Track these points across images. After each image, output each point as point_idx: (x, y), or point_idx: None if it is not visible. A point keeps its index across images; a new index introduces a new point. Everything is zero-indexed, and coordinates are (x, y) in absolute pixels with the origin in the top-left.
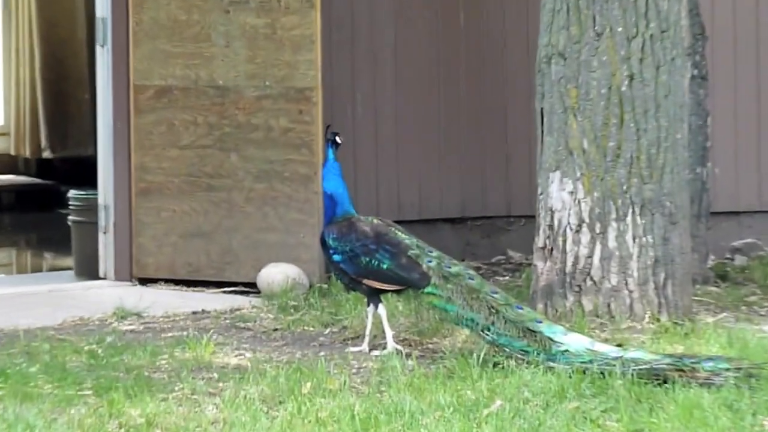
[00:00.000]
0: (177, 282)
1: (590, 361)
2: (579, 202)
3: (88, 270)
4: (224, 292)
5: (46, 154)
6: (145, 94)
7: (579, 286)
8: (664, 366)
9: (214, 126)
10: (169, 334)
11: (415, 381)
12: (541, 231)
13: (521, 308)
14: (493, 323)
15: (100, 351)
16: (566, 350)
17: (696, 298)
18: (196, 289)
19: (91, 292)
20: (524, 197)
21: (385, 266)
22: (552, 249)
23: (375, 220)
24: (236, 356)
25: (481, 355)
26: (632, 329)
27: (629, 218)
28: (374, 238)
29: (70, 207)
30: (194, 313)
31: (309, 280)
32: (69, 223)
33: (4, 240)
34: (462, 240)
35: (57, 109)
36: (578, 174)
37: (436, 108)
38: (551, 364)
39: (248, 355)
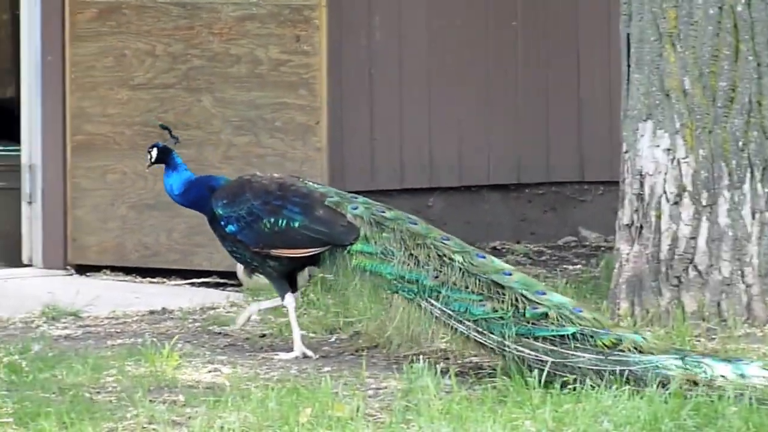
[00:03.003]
0: (128, 270)
1: (585, 335)
2: (678, 163)
3: (7, 254)
4: (192, 284)
5: None
6: (85, 13)
7: (678, 277)
8: None
9: (178, 57)
10: (118, 341)
11: (455, 407)
12: (626, 203)
13: (484, 257)
14: (443, 283)
15: (24, 364)
16: (545, 313)
17: None
18: (153, 280)
19: (11, 283)
20: (602, 157)
21: (297, 224)
22: (641, 227)
23: (275, 174)
24: (209, 372)
25: (544, 373)
26: (750, 337)
27: (746, 185)
28: (278, 192)
29: None
30: (152, 312)
31: (309, 269)
32: None
33: None
34: (516, 214)
35: None
36: (677, 125)
37: (483, 37)
38: (522, 344)
39: (226, 370)
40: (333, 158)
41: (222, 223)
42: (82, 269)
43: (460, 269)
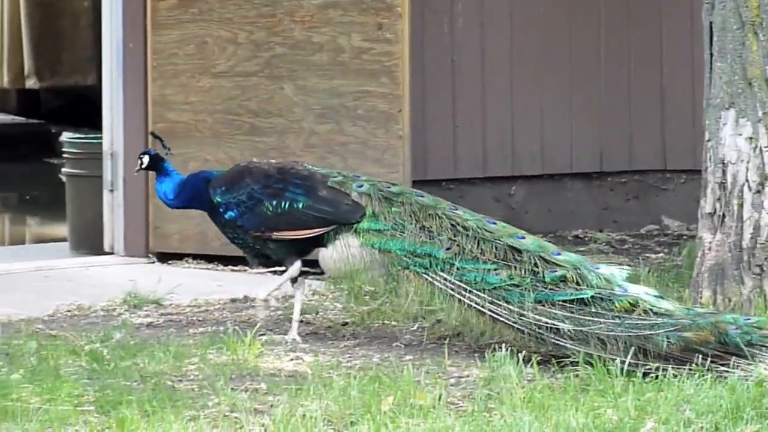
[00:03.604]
0: (210, 258)
1: (603, 298)
2: (761, 151)
3: (89, 242)
4: (274, 272)
5: (31, 83)
6: (167, 1)
7: (760, 266)
8: None
9: (261, 45)
10: (200, 330)
11: (537, 395)
12: (708, 191)
13: (495, 223)
14: (456, 254)
15: (105, 352)
16: (564, 275)
17: None
18: (235, 268)
19: (93, 271)
20: (684, 145)
21: (300, 204)
22: (724, 216)
23: (272, 160)
24: (291, 360)
25: (627, 362)
26: None
27: None
28: (277, 175)
29: (64, 155)
30: (234, 300)
31: None
32: (62, 177)
33: None
34: (598, 203)
35: (46, 24)
36: (760, 113)
37: (566, 25)
38: (539, 312)
39: (308, 358)
40: (415, 147)
41: (221, 210)
42: (164, 257)
43: (475, 237)
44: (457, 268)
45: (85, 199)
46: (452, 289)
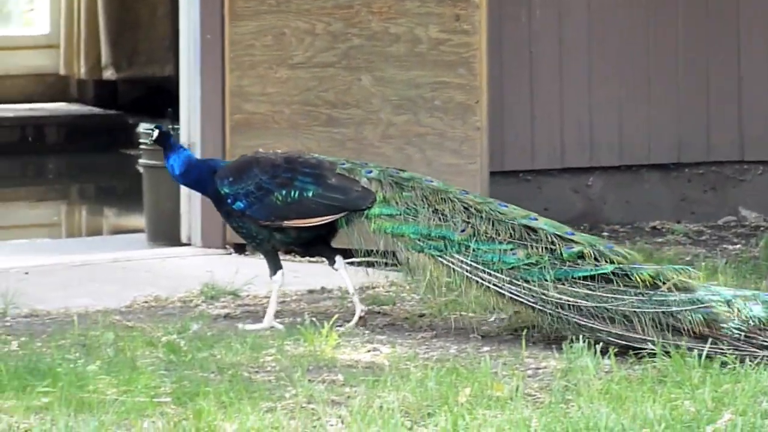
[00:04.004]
0: (287, 249)
1: (624, 273)
2: None
3: (166, 233)
4: (351, 263)
5: (108, 74)
6: None
7: None
8: None
9: (338, 36)
10: (277, 321)
11: (614, 387)
12: None
13: (506, 206)
14: (471, 236)
15: (182, 343)
16: (581, 251)
17: None
18: (312, 259)
19: (170, 262)
20: (763, 136)
21: (310, 193)
22: None
23: (279, 151)
24: (368, 351)
25: (704, 353)
26: None
27: None
28: (285, 164)
29: (141, 146)
30: (311, 291)
31: None
32: (139, 168)
33: (51, 191)
34: (676, 194)
35: (123, 14)
36: None
37: (644, 16)
38: (560, 291)
39: (385, 349)
40: (492, 138)
41: (228, 201)
42: (241, 248)
43: (488, 218)
44: (473, 250)
45: (163, 190)
46: (468, 271)
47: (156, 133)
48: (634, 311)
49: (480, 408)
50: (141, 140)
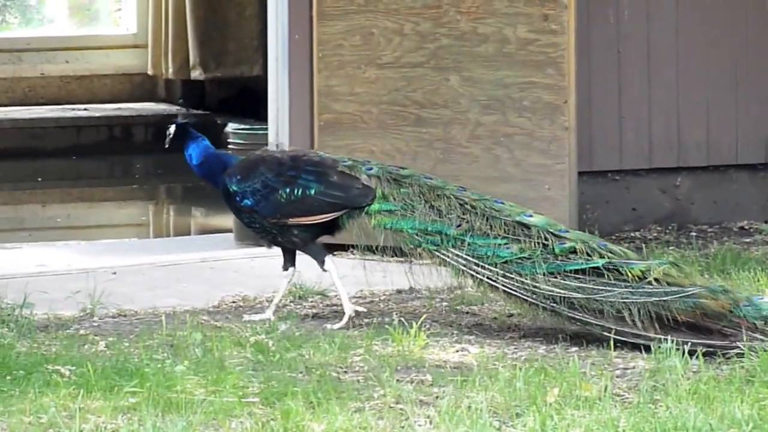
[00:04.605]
0: (374, 249)
1: (615, 267)
2: None
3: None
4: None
5: (196, 74)
6: None
7: None
8: None
9: (427, 36)
10: (365, 321)
11: (702, 387)
12: None
13: (503, 203)
14: (467, 231)
15: (270, 343)
16: (573, 247)
17: None
18: (401, 258)
19: (258, 262)
20: None
21: (312, 191)
22: None
23: (286, 148)
24: (456, 351)
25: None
26: None
27: None
28: (291, 162)
29: (229, 146)
30: (399, 291)
31: None
32: None
33: (138, 191)
34: (763, 194)
35: (211, 14)
36: None
37: (731, 16)
38: (552, 284)
39: (473, 349)
40: (581, 138)
41: (237, 198)
42: (328, 248)
43: (483, 214)
44: (468, 244)
45: None
46: (464, 265)
47: (173, 128)
48: (624, 302)
49: (568, 408)
50: (229, 140)
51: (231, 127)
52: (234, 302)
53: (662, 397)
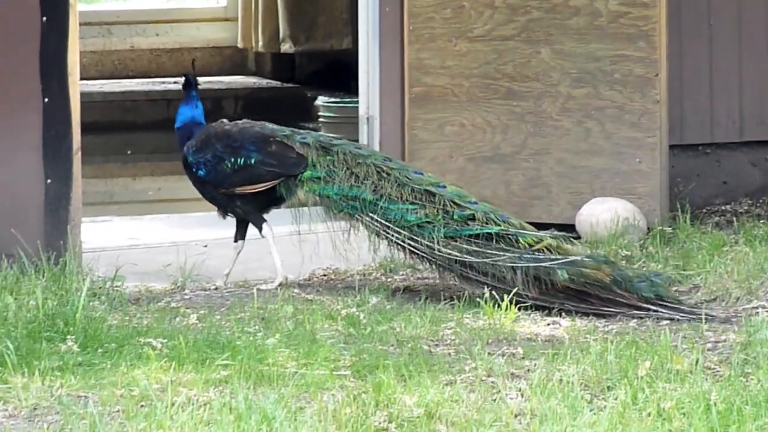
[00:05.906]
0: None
1: (508, 235)
2: None
3: None
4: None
5: (286, 47)
6: None
7: None
8: None
9: (518, 9)
10: (456, 294)
11: None
12: None
13: (421, 174)
14: (381, 196)
15: (361, 316)
16: (472, 214)
17: None
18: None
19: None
20: None
21: (253, 160)
22: None
23: (244, 120)
24: (548, 325)
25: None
26: None
27: None
28: (238, 134)
29: (320, 119)
30: None
31: (647, 220)
32: None
33: None
34: None
35: None
36: None
37: None
38: (450, 247)
39: (564, 323)
40: (671, 111)
41: (193, 169)
42: None
43: (396, 180)
44: (381, 208)
45: None
46: (378, 227)
47: (184, 80)
48: (510, 266)
49: (659, 381)
50: (320, 114)
51: (321, 100)
52: (325, 275)
53: (753, 370)
